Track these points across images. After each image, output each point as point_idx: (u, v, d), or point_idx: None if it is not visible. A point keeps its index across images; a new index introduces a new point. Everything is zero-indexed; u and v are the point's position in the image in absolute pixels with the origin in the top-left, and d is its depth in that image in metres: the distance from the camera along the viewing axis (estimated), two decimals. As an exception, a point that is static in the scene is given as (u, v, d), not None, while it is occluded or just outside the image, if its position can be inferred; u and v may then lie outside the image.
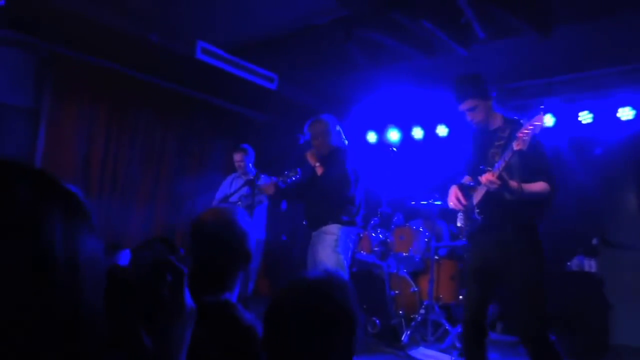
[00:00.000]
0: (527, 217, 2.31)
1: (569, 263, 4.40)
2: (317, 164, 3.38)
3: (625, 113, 4.22)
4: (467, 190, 2.49)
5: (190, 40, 4.20)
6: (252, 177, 3.02)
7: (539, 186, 2.27)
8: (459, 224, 2.50)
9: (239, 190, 3.30)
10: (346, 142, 3.53)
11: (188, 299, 0.66)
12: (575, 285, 4.22)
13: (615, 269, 4.39)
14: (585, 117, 4.45)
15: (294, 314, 0.95)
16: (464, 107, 2.48)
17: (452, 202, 2.51)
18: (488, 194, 2.32)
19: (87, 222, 0.48)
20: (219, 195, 4.72)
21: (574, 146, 4.49)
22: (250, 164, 4.59)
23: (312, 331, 0.93)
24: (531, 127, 2.18)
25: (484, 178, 2.26)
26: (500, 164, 2.25)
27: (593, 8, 3.34)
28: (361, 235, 4.33)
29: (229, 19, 4.01)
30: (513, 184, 2.23)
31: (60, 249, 0.43)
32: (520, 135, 2.19)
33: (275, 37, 4.27)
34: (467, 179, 2.61)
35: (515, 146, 2.20)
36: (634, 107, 4.16)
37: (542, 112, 2.23)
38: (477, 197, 2.40)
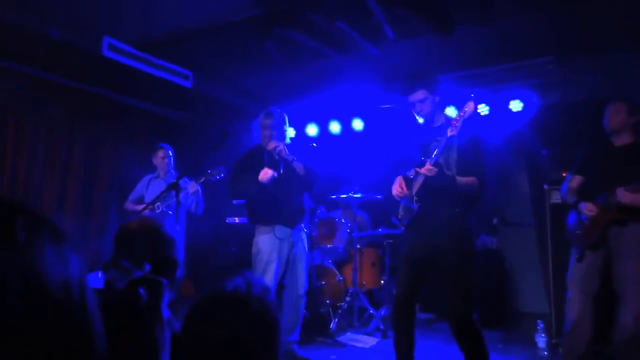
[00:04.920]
0: (460, 206, 2.52)
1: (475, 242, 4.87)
2: (295, 158, 3.24)
3: (516, 105, 4.73)
4: (408, 182, 2.67)
5: (96, 36, 3.95)
6: (174, 181, 2.94)
7: (469, 180, 2.49)
8: (400, 215, 2.66)
9: (162, 194, 3.19)
10: None
11: (164, 308, 0.73)
12: (480, 261, 4.68)
13: (512, 244, 4.94)
14: (482, 109, 4.92)
15: (210, 325, 0.95)
16: (413, 98, 2.63)
17: (396, 190, 2.65)
18: (425, 185, 2.51)
19: (67, 243, 0.55)
20: (133, 196, 4.51)
21: (475, 135, 4.94)
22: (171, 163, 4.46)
23: (230, 341, 0.94)
24: (462, 114, 2.41)
25: (424, 168, 2.45)
26: (438, 153, 2.44)
27: (486, 13, 3.71)
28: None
29: (139, 14, 3.83)
30: (447, 173, 2.43)
31: (54, 271, 0.51)
32: (453, 122, 2.41)
33: (191, 33, 4.16)
34: (413, 172, 2.79)
35: (449, 132, 2.42)
36: (522, 100, 4.69)
37: (472, 100, 2.45)
38: (415, 187, 2.58)
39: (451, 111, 4.91)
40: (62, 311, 0.50)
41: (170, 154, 4.45)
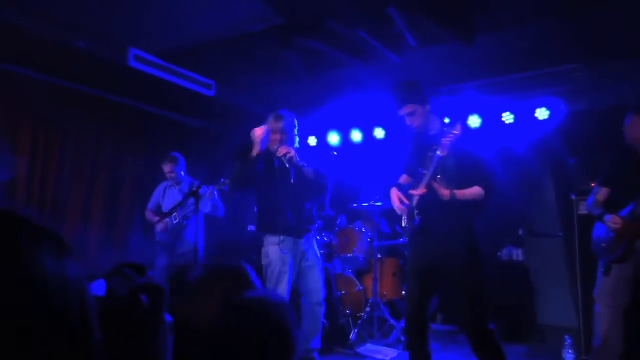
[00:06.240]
0: (463, 218, 2.48)
1: (499, 253, 4.75)
2: (305, 164, 3.15)
3: (542, 113, 4.62)
4: (407, 192, 2.64)
5: (121, 47, 4.06)
6: (194, 189, 2.96)
7: (473, 190, 2.45)
8: (403, 225, 2.63)
9: (182, 203, 3.21)
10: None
11: (166, 314, 0.76)
12: (505, 273, 4.57)
13: (538, 255, 4.80)
14: (507, 117, 4.82)
15: (228, 334, 0.96)
16: (403, 111, 2.60)
17: (396, 205, 2.63)
18: (425, 197, 2.48)
19: (69, 254, 0.57)
20: (151, 204, 4.56)
21: (499, 144, 4.85)
22: (182, 172, 4.45)
23: (246, 351, 0.95)
24: (451, 136, 2.38)
25: (418, 190, 2.44)
26: (427, 176, 2.42)
27: (508, 20, 3.65)
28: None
29: (163, 25, 3.93)
30: (444, 191, 2.39)
31: (53, 280, 0.53)
32: (443, 142, 2.38)
33: (213, 43, 4.23)
34: (403, 179, 2.76)
35: (440, 153, 2.39)
36: (548, 108, 4.57)
37: (459, 122, 2.43)
38: (415, 199, 2.55)
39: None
40: (59, 319, 0.52)
41: (180, 163, 4.44)
